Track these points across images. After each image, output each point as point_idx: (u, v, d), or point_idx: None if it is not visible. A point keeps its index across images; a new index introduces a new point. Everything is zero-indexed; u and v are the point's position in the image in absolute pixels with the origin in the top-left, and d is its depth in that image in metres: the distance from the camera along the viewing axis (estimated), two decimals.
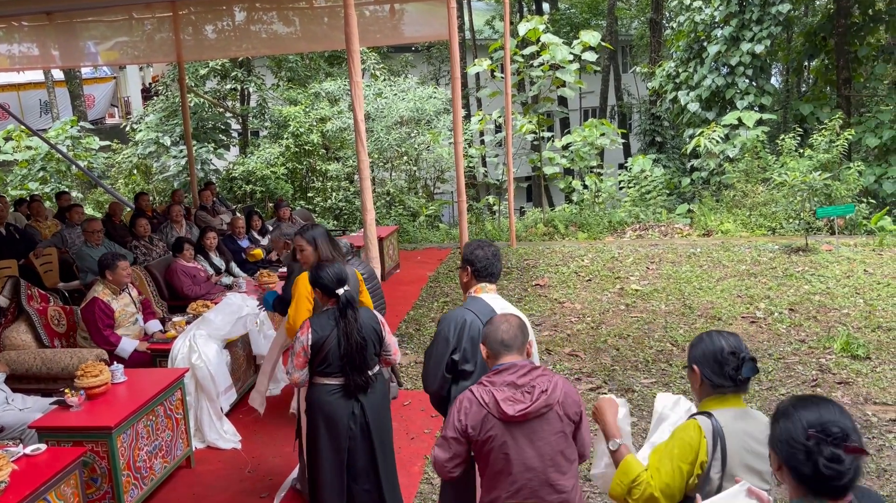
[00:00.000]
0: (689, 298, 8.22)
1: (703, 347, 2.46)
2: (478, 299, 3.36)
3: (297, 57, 17.77)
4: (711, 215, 12.21)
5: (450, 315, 3.35)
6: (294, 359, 3.70)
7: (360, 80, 5.77)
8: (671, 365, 6.46)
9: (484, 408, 2.69)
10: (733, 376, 2.38)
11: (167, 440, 4.74)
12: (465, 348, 3.22)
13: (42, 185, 15.85)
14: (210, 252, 7.67)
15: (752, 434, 2.34)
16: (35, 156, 16.24)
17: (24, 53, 12.07)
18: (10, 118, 16.31)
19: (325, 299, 3.77)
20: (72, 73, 18.86)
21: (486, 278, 3.40)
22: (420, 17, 11.26)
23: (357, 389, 3.71)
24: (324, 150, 15.76)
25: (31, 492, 3.49)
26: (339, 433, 3.72)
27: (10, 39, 11.80)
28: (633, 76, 25.25)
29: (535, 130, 13.78)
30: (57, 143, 15.71)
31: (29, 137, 16.19)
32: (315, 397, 3.75)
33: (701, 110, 15.18)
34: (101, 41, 12.17)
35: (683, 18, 15.94)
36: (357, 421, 3.73)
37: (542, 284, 9.13)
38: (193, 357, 5.28)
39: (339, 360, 3.65)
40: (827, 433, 1.80)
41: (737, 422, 2.35)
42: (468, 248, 3.45)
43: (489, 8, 28.42)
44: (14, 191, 15.43)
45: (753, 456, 2.32)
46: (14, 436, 4.44)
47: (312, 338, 3.65)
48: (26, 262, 7.71)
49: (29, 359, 5.24)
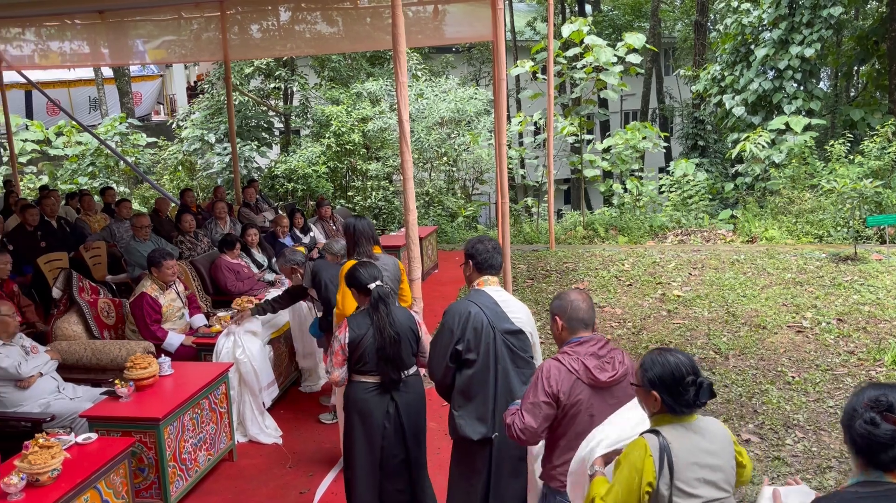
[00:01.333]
0: (732, 306, 8.08)
1: (659, 372, 2.44)
2: (481, 292, 3.51)
3: (339, 57, 17.92)
4: (756, 221, 11.98)
5: (454, 307, 3.48)
6: (333, 357, 3.78)
7: (405, 81, 5.79)
8: (714, 373, 6.35)
9: (573, 374, 2.89)
10: (692, 402, 2.42)
11: (211, 433, 4.82)
12: (468, 339, 3.36)
13: (91, 179, 16.23)
14: (252, 248, 7.77)
15: (702, 447, 2.41)
16: (85, 151, 16.64)
17: (76, 51, 12.39)
18: (61, 114, 16.76)
19: (362, 298, 3.85)
20: (121, 70, 19.29)
21: (488, 270, 3.55)
22: (462, 18, 11.25)
23: (391, 385, 3.76)
24: (364, 150, 15.85)
25: (83, 481, 3.57)
26: (373, 430, 3.79)
27: (63, 37, 12.13)
28: (676, 79, 24.88)
29: (576, 133, 13.69)
30: (106, 138, 16.09)
31: (79, 133, 16.59)
32: (352, 394, 3.83)
33: (746, 114, 14.92)
34: (150, 39, 12.43)
35: (730, 21, 15.68)
36: (391, 419, 3.78)
37: (581, 288, 9.06)
38: (237, 352, 5.36)
39: (375, 358, 3.73)
40: (875, 402, 1.99)
41: (687, 437, 2.41)
42: (469, 243, 3.61)
43: (530, 9, 28.32)
44: (64, 185, 15.84)
45: (705, 468, 2.39)
46: (65, 425, 4.55)
47: (350, 336, 3.73)
48: (76, 255, 7.90)
49: (79, 349, 5.37)
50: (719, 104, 15.72)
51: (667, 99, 26.53)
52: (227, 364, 5.17)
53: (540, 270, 10.03)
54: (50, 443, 3.58)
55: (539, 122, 14.18)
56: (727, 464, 2.45)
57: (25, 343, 4.92)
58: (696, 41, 18.67)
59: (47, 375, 4.85)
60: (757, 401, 5.81)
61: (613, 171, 14.18)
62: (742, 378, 6.23)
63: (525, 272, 9.96)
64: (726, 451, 2.46)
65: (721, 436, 2.48)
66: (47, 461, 3.46)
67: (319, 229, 9.44)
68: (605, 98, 14.13)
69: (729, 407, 5.72)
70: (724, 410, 5.66)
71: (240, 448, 5.24)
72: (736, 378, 6.24)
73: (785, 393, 5.92)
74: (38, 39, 12.13)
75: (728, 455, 2.47)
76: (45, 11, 10.80)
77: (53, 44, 12.24)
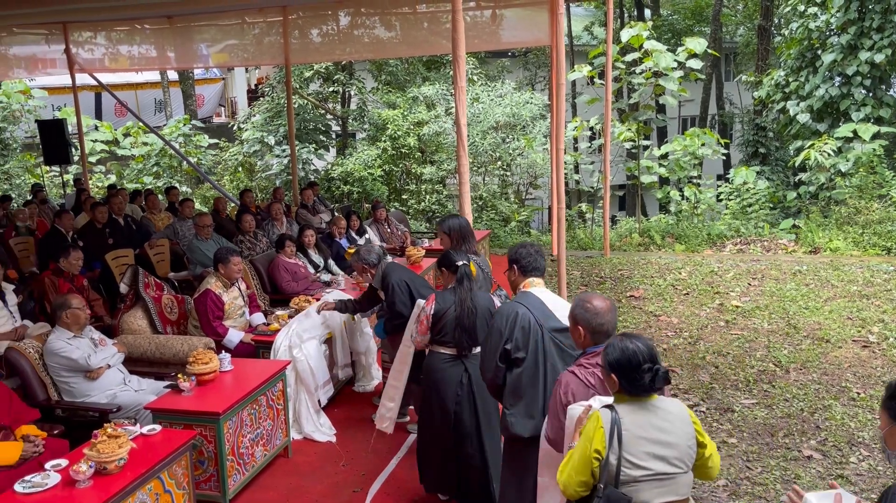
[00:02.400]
0: (793, 318, 7.86)
1: (618, 357, 2.65)
2: (528, 294, 3.65)
3: (396, 61, 18.10)
4: (819, 232, 11.61)
5: (503, 309, 3.65)
6: (418, 325, 4.35)
7: (464, 86, 5.81)
8: (774, 386, 6.19)
9: (590, 388, 2.96)
10: (647, 387, 2.62)
11: (268, 429, 4.92)
12: (516, 338, 3.47)
13: (155, 179, 16.76)
14: (309, 249, 7.91)
15: (654, 424, 2.60)
16: (150, 151, 17.20)
17: (143, 55, 12.83)
18: (128, 115, 17.35)
19: (450, 277, 4.31)
20: (185, 73, 19.87)
21: (532, 273, 3.70)
22: (520, 23, 11.25)
23: (464, 351, 4.18)
24: (419, 154, 15.97)
25: (147, 470, 3.70)
26: (447, 397, 4.20)
27: (132, 41, 12.59)
28: (737, 85, 24.33)
29: (633, 138, 13.52)
30: (170, 139, 16.59)
31: (145, 134, 17.16)
32: (429, 363, 4.32)
33: (812, 121, 14.46)
34: (213, 44, 12.78)
35: (796, 25, 15.24)
36: (464, 388, 4.19)
37: (636, 296, 8.94)
38: (294, 350, 5.46)
39: (454, 329, 4.15)
40: None
41: (640, 414, 2.61)
42: (511, 250, 3.79)
43: (588, 13, 28.08)
44: (130, 184, 16.39)
45: (656, 444, 2.58)
46: (130, 416, 4.70)
47: (435, 308, 4.24)
48: (141, 252, 8.18)
49: (144, 343, 5.55)
50: (783, 111, 15.29)
51: (727, 105, 25.95)
52: (285, 362, 5.27)
53: (594, 277, 9.93)
54: (117, 432, 3.71)
55: (595, 127, 14.04)
56: (682, 443, 2.62)
57: (94, 336, 5.12)
58: (759, 46, 18.21)
59: (114, 367, 5.03)
60: (819, 416, 5.64)
61: (671, 177, 13.95)
62: (804, 392, 6.05)
63: (579, 278, 9.87)
64: (681, 430, 2.63)
65: (677, 415, 2.65)
66: (115, 450, 3.58)
67: (374, 231, 9.54)
68: (663, 103, 13.90)
69: (790, 421, 5.56)
70: (784, 425, 5.51)
71: (295, 445, 5.33)
72: (797, 392, 6.06)
73: (850, 409, 5.73)
74: (109, 43, 12.61)
75: (683, 434, 2.63)
76: (118, 17, 11.23)
77: (123, 47, 12.71)
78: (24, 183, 16.69)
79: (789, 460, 5.01)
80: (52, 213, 10.12)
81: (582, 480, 2.62)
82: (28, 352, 4.89)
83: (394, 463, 5.06)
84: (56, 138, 12.59)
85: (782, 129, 15.76)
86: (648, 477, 2.57)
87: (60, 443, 4.33)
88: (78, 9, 10.16)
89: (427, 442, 4.37)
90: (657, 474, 2.58)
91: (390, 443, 5.28)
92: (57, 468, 3.62)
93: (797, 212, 13.84)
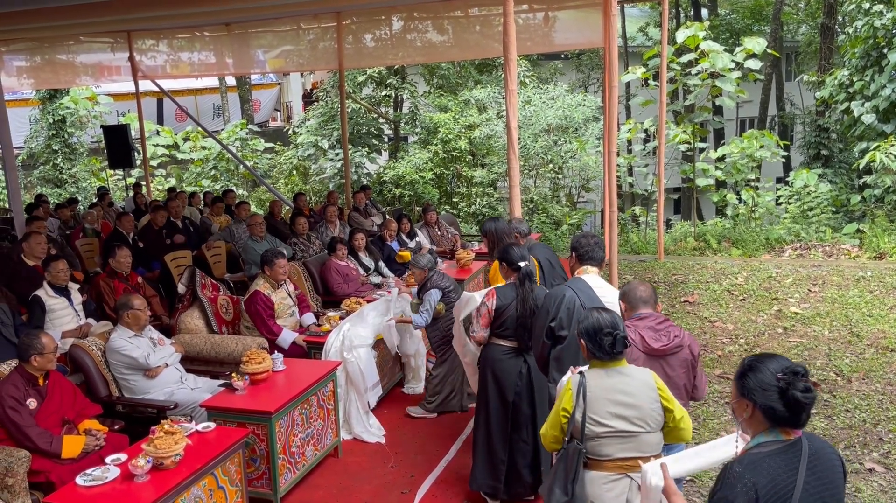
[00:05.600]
0: (856, 326, 7.59)
1: (586, 324, 3.00)
2: (579, 279, 3.97)
3: (448, 65, 18.16)
4: (885, 236, 11.18)
5: (553, 291, 4.00)
6: (479, 319, 4.44)
7: (515, 89, 5.80)
8: (835, 396, 5.99)
9: (629, 343, 3.17)
10: (609, 351, 2.94)
11: (318, 429, 4.98)
12: (560, 317, 3.79)
13: (213, 182, 17.18)
14: (359, 252, 7.99)
15: (618, 387, 2.91)
16: (208, 155, 17.66)
17: (203, 61, 13.19)
18: (188, 120, 17.85)
19: (510, 273, 4.42)
20: (242, 79, 20.34)
21: (588, 261, 4.03)
22: (572, 25, 11.15)
23: (525, 349, 4.32)
24: (470, 157, 15.98)
25: (202, 467, 3.79)
26: (506, 387, 4.39)
27: (192, 48, 12.96)
28: (798, 85, 23.62)
29: (688, 140, 13.26)
30: (228, 143, 17.00)
31: (204, 138, 17.63)
32: (490, 355, 4.45)
33: (877, 122, 13.93)
34: (269, 49, 13.06)
35: (860, 23, 14.71)
36: (523, 378, 4.37)
37: (691, 301, 8.76)
38: (345, 352, 5.53)
39: (515, 325, 4.30)
40: (794, 372, 2.19)
41: (605, 379, 2.94)
42: (574, 238, 4.14)
43: (643, 14, 27.66)
44: (189, 187, 16.86)
45: (619, 405, 2.89)
46: (185, 413, 4.85)
47: (497, 303, 4.36)
48: (199, 254, 8.39)
49: (200, 342, 5.70)
50: (847, 111, 14.77)
51: (787, 106, 25.22)
52: (336, 363, 5.34)
53: (648, 281, 9.76)
54: (174, 429, 3.81)
55: (650, 129, 13.83)
56: (644, 405, 2.90)
57: (153, 335, 5.28)
58: (821, 45, 17.64)
59: (172, 366, 5.18)
60: (883, 428, 5.43)
61: (727, 180, 13.64)
62: (866, 403, 5.84)
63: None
64: (644, 394, 2.91)
65: (642, 381, 2.95)
66: (171, 446, 3.68)
67: (425, 234, 9.59)
68: (720, 105, 13.60)
69: (851, 433, 5.37)
70: (845, 436, 5.33)
71: (345, 445, 5.39)
72: (859, 403, 5.85)
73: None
74: (170, 51, 13.01)
75: (646, 398, 2.91)
76: (179, 24, 11.57)
77: (183, 54, 13.09)
78: (90, 186, 17.34)
79: (850, 473, 4.84)
80: (115, 215, 10.47)
81: (555, 435, 3.02)
82: (91, 349, 5.07)
83: (442, 465, 5.08)
84: (120, 143, 13.04)
85: (846, 130, 15.23)
86: (610, 433, 2.88)
87: (121, 437, 4.48)
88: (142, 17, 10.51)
89: (487, 427, 4.47)
90: (619, 431, 2.88)
91: (439, 446, 5.30)
92: (116, 462, 3.74)
93: (861, 216, 13.35)
